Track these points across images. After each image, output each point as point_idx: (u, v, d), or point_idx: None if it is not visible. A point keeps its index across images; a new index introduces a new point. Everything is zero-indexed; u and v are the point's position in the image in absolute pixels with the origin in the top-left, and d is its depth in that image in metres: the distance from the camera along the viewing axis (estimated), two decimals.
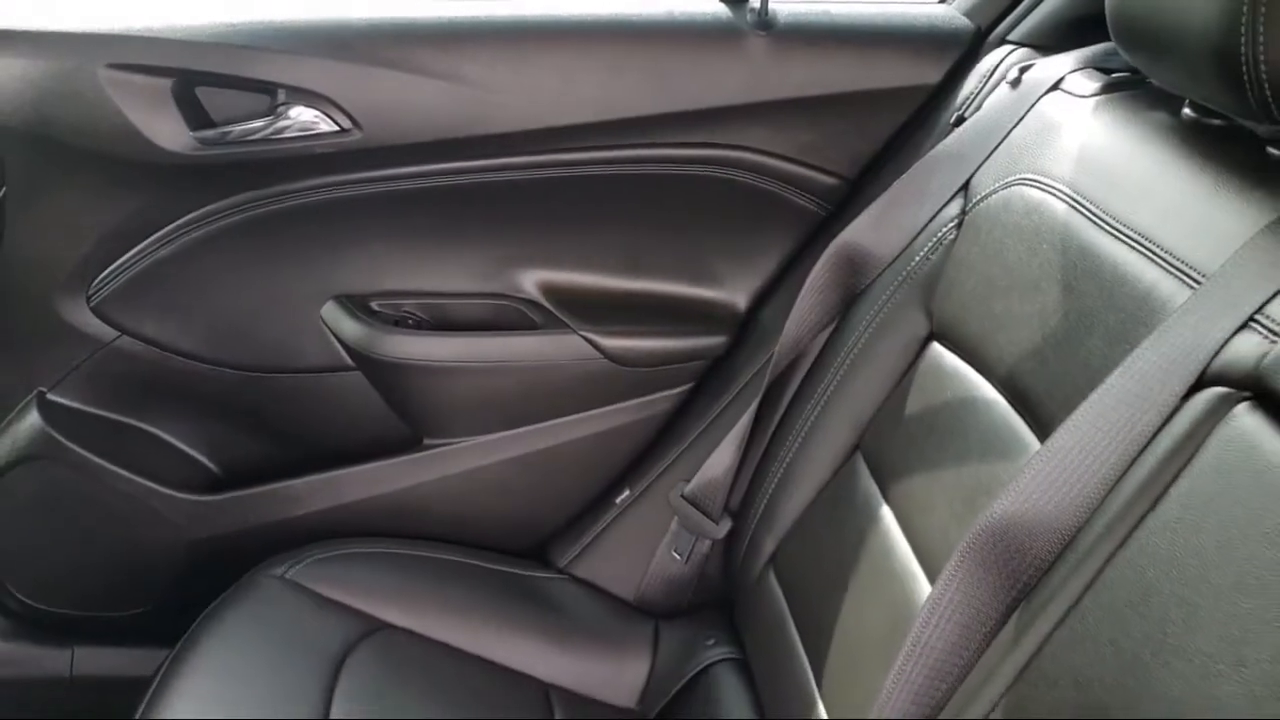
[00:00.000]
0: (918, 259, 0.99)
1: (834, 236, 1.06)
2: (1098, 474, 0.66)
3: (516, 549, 1.24)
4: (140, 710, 0.93)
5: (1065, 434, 0.68)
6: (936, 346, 0.95)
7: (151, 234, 1.12)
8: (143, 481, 1.18)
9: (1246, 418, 0.59)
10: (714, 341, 1.20)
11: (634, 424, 1.21)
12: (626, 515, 1.21)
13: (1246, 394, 0.60)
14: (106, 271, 1.13)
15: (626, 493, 1.21)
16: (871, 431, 1.00)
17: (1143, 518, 0.62)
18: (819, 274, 1.05)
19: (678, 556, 1.15)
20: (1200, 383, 0.63)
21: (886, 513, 0.92)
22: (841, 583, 0.93)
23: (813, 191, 1.16)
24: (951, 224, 0.97)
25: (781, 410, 1.10)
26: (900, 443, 0.94)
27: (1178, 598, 0.57)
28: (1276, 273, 0.63)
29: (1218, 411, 0.61)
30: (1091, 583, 0.63)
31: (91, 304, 1.14)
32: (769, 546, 1.06)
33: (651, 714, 1.10)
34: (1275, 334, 0.61)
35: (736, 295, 1.19)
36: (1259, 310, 0.62)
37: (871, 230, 1.04)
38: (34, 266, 1.12)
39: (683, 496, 1.14)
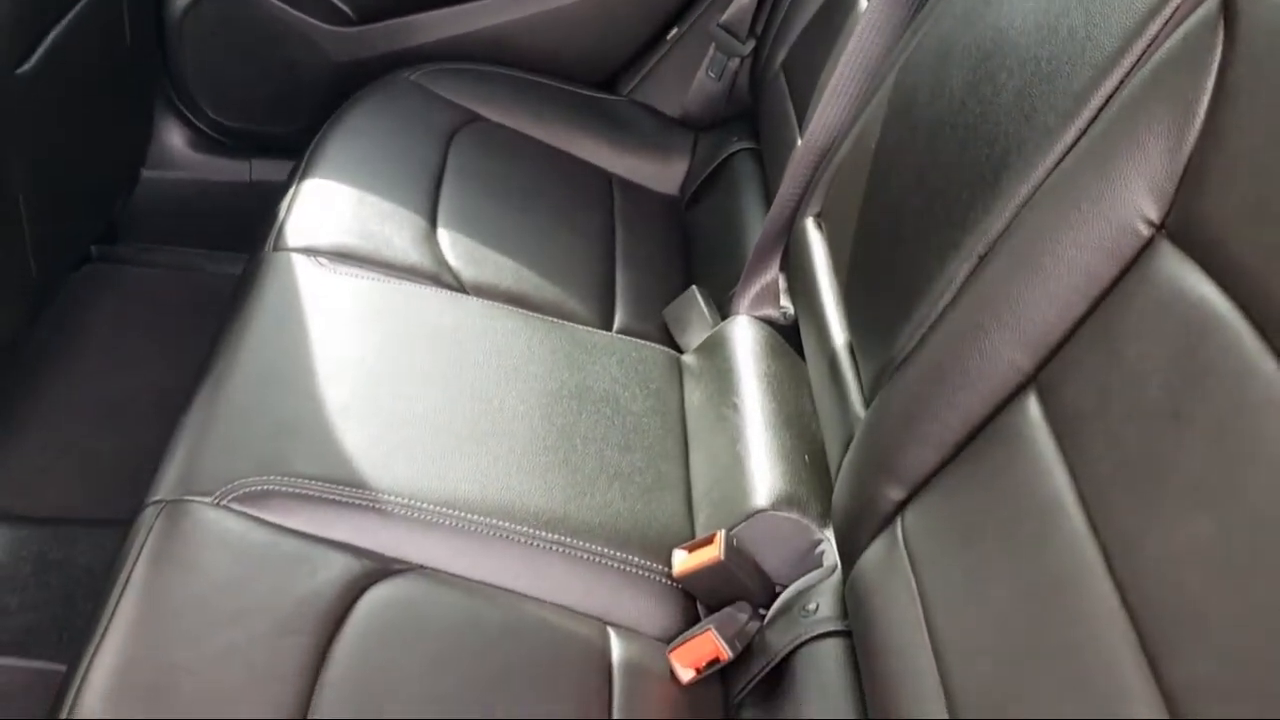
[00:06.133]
0: None
1: None
2: None
3: (590, 80, 1.55)
4: (300, 167, 1.28)
5: None
6: None
7: None
8: (297, 13, 1.51)
9: None
10: None
11: None
12: (676, 49, 1.50)
13: None
14: None
15: (675, 30, 1.50)
16: None
17: None
18: None
19: (713, 76, 1.45)
20: None
21: None
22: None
23: None
24: None
25: None
26: None
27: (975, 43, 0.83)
28: None
29: None
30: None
31: None
32: (780, 55, 1.34)
33: (686, 198, 1.44)
34: None
35: None
36: None
37: None
38: None
39: (719, 25, 1.42)
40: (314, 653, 0.78)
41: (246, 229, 1.31)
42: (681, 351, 1.17)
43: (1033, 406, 0.68)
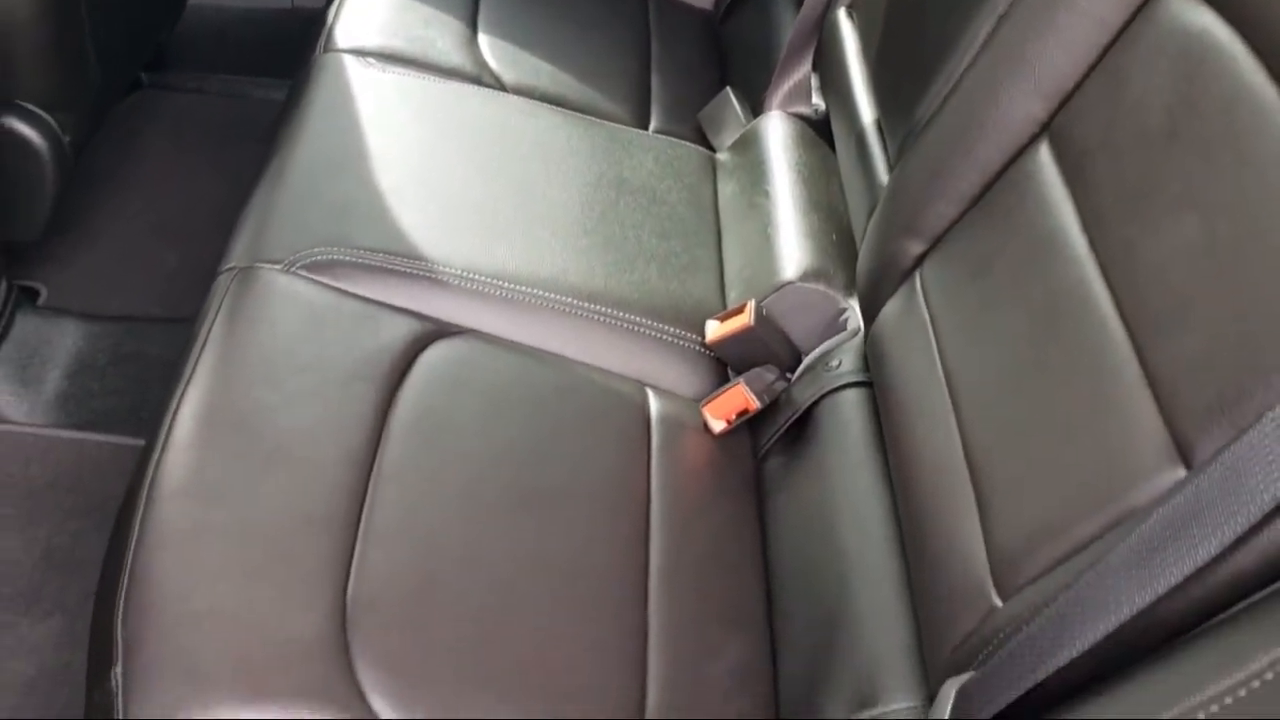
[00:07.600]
0: None
1: None
2: None
3: None
4: None
5: None
6: None
7: None
8: None
9: None
10: None
11: None
12: None
13: None
14: None
15: None
16: None
17: None
18: None
19: None
20: None
21: None
22: None
23: None
24: None
25: None
26: None
27: None
28: None
29: None
30: None
31: None
32: None
33: (720, 12, 1.46)
34: None
35: None
36: None
37: None
38: None
39: None
40: (382, 398, 0.85)
41: (289, 55, 1.35)
42: (715, 152, 1.22)
43: (1044, 151, 0.73)
